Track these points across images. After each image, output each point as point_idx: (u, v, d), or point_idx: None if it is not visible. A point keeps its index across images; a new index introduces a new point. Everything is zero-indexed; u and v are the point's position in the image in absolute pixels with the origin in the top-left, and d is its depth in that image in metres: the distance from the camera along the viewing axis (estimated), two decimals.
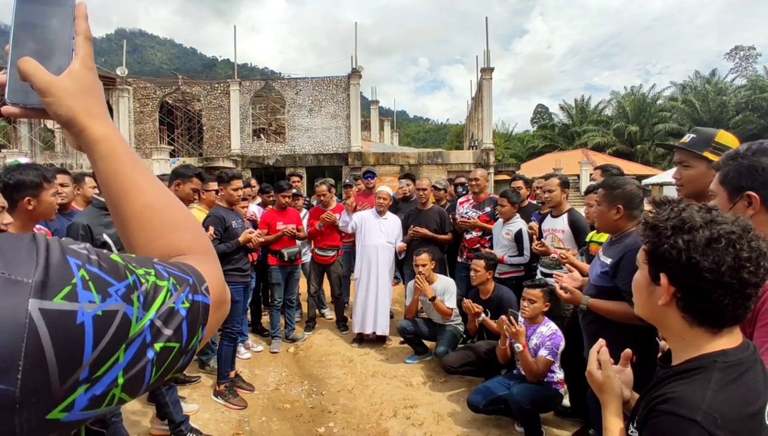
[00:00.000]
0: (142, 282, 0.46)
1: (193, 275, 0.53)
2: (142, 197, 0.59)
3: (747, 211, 1.30)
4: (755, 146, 1.34)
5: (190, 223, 0.63)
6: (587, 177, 25.12)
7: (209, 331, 0.54)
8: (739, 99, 33.69)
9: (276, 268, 5.00)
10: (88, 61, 0.58)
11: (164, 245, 0.59)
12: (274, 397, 3.90)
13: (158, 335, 0.45)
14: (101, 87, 0.60)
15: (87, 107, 0.57)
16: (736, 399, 0.84)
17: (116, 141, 0.58)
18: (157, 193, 0.60)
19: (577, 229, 3.81)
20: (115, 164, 0.58)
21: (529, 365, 3.16)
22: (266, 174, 21.34)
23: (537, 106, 50.84)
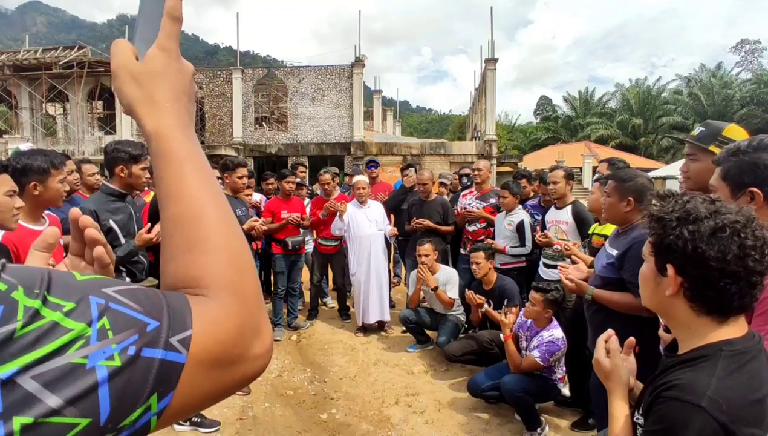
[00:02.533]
0: (27, 321, 0.33)
1: (168, 317, 0.40)
2: (173, 207, 0.48)
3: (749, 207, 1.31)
4: (755, 143, 1.35)
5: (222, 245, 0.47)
6: (590, 169, 25.10)
7: (191, 400, 0.40)
8: (744, 93, 33.53)
9: (279, 256, 5.03)
10: (167, 43, 0.51)
11: (173, 270, 0.47)
12: (277, 384, 3.94)
13: (25, 403, 0.31)
14: (179, 72, 0.52)
15: (147, 95, 0.50)
16: (740, 386, 0.86)
17: (168, 138, 0.49)
18: (195, 203, 0.48)
19: (580, 221, 3.82)
20: (162, 165, 0.49)
21: (513, 357, 3.21)
22: (268, 162, 21.34)
23: (540, 98, 50.71)
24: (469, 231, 4.90)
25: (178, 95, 0.51)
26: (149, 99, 0.49)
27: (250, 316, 0.45)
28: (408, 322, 4.57)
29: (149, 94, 0.50)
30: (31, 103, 20.44)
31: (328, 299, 6.18)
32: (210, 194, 0.49)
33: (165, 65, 0.51)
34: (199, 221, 0.48)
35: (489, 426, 3.25)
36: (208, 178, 0.50)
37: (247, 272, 0.48)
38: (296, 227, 5.03)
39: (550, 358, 3.10)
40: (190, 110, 0.53)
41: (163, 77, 0.50)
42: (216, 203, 0.49)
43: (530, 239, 4.30)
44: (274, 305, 5.12)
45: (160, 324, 0.39)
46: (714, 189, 1.45)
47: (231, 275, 0.46)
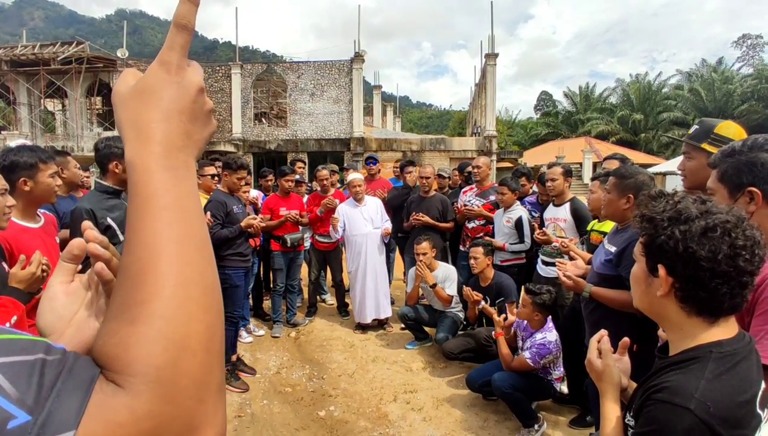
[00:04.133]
0: None
1: (48, 409, 0.31)
2: (124, 256, 0.40)
3: (749, 208, 1.31)
4: (750, 142, 1.34)
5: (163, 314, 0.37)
6: (590, 165, 25.07)
7: None
8: (744, 88, 33.44)
9: (278, 253, 5.03)
10: (166, 55, 0.44)
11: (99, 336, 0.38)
12: (276, 381, 3.95)
13: None
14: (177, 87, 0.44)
15: (131, 117, 0.43)
16: (728, 388, 0.86)
17: (138, 169, 0.41)
18: (145, 253, 0.39)
19: (579, 218, 3.81)
20: (131, 200, 0.41)
21: (504, 355, 3.23)
22: (267, 158, 21.31)
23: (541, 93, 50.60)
24: (469, 228, 4.89)
25: (169, 114, 0.43)
26: (132, 122, 0.43)
27: (177, 416, 0.35)
28: (406, 319, 4.57)
29: (133, 116, 0.43)
30: (30, 99, 20.37)
31: (327, 296, 6.18)
32: (173, 242, 0.39)
33: (157, 81, 0.44)
34: (143, 279, 0.38)
35: (487, 423, 3.26)
36: (177, 220, 0.40)
37: (190, 352, 0.37)
38: (295, 224, 5.02)
39: (541, 360, 3.10)
40: (189, 131, 0.45)
41: (152, 95, 0.43)
42: (177, 255, 0.39)
43: (530, 235, 4.30)
44: (273, 302, 5.13)
45: (31, 420, 0.30)
46: (712, 191, 1.44)
47: (159, 357, 0.35)
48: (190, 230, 0.41)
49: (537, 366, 3.10)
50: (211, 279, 0.41)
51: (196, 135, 0.46)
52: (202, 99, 0.46)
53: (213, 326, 0.39)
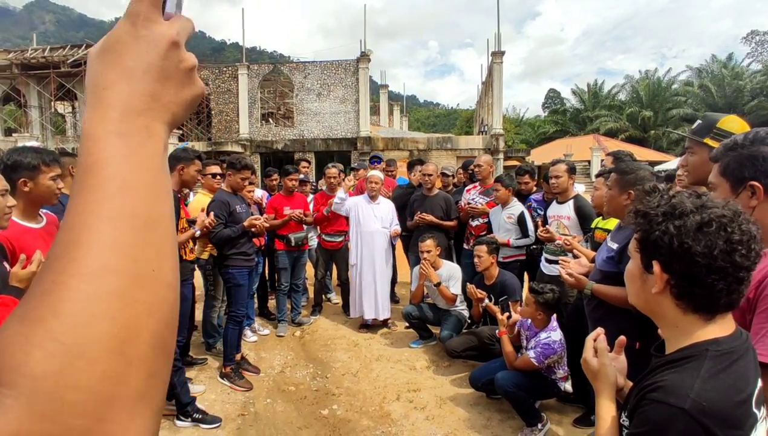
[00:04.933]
0: None
1: None
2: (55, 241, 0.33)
3: (751, 202, 1.28)
4: (752, 136, 1.32)
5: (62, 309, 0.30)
6: (598, 163, 24.83)
7: None
8: (754, 84, 32.98)
9: (283, 252, 5.04)
10: (134, 6, 0.38)
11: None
12: (279, 379, 3.95)
13: None
14: (141, 42, 0.38)
15: (92, 80, 0.37)
16: (724, 387, 0.84)
17: (87, 140, 0.35)
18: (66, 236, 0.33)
19: (582, 215, 3.78)
20: (75, 174, 0.36)
21: (507, 354, 3.21)
22: (275, 158, 21.37)
23: (549, 91, 50.21)
24: (472, 226, 4.87)
25: (130, 73, 0.37)
26: (92, 85, 0.37)
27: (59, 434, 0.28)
28: (411, 318, 4.56)
29: (92, 77, 0.37)
30: (40, 101, 20.61)
31: (332, 295, 6.19)
32: (104, 221, 0.33)
33: (120, 36, 0.37)
34: (54, 265, 0.32)
35: (490, 422, 3.24)
36: (119, 194, 0.34)
37: (85, 359, 0.29)
38: (299, 223, 5.03)
39: (545, 360, 3.07)
40: (156, 92, 0.38)
41: (113, 53, 0.37)
42: (106, 236, 0.32)
43: (533, 229, 4.27)
44: (278, 301, 5.14)
45: None
46: (714, 186, 1.41)
47: (40, 365, 0.28)
48: (133, 207, 0.34)
49: (541, 366, 3.08)
50: (149, 268, 0.34)
51: (167, 97, 0.39)
52: (176, 55, 0.39)
53: (137, 326, 0.32)
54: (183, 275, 3.30)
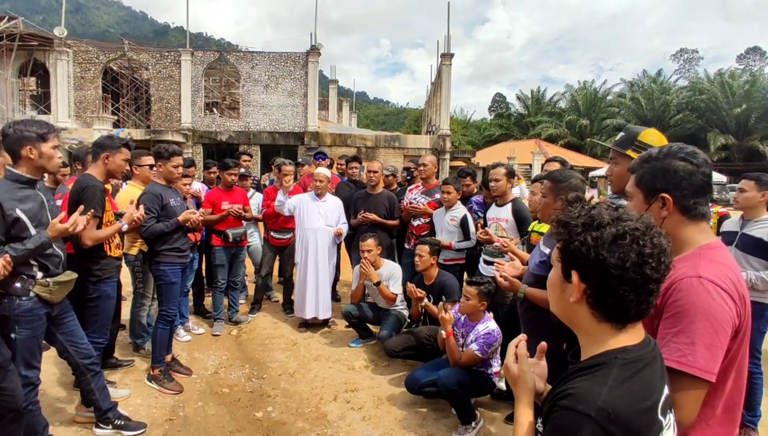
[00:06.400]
0: None
1: None
2: None
3: (662, 212, 1.35)
4: (666, 149, 1.39)
5: None
6: (539, 167, 25.90)
7: None
8: (680, 99, 35.68)
9: (219, 248, 4.85)
10: None
11: None
12: (213, 381, 3.80)
13: None
14: None
15: None
16: (630, 395, 0.86)
17: None
18: None
19: (520, 218, 3.90)
20: None
21: (453, 352, 3.25)
22: (218, 150, 20.65)
23: (495, 95, 51.89)
24: (414, 226, 4.91)
25: None
26: None
27: None
28: (350, 317, 4.53)
29: None
30: None
31: (273, 293, 6.04)
32: None
33: None
34: None
35: (425, 421, 3.27)
36: None
37: None
38: (238, 218, 4.86)
39: (489, 349, 3.17)
40: None
41: None
42: None
43: (474, 233, 4.36)
44: (214, 298, 4.95)
45: None
46: (630, 195, 1.48)
47: None
48: None
49: (485, 356, 3.17)
50: None
51: None
52: None
53: None
54: (108, 272, 3.09)
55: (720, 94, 32.65)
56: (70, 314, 2.73)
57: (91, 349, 2.82)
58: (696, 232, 1.37)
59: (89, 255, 2.98)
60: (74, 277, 2.65)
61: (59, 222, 2.39)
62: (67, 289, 2.61)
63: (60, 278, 2.53)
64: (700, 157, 1.36)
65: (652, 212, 1.38)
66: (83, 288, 2.96)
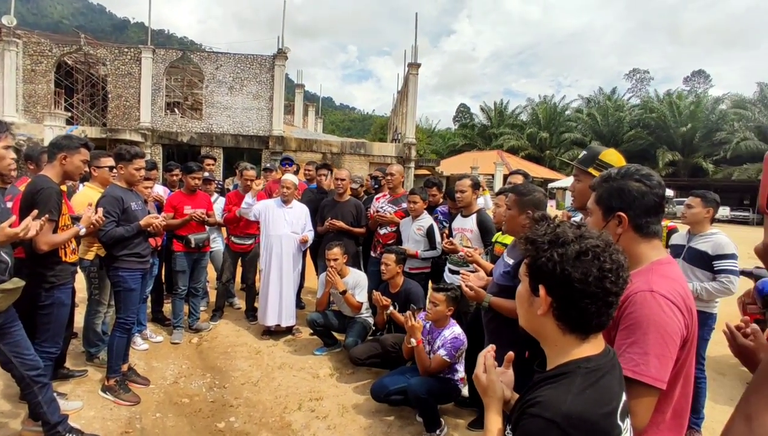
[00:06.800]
0: None
1: None
2: None
3: (617, 230, 1.44)
4: (623, 170, 1.49)
5: None
6: (501, 177, 26.59)
7: None
8: (633, 116, 37.57)
9: (181, 254, 4.73)
10: None
11: None
12: (172, 391, 3.69)
13: None
14: None
15: None
16: (592, 402, 0.93)
17: None
18: None
19: (484, 229, 4.00)
20: None
21: (422, 360, 3.30)
22: (179, 151, 20.08)
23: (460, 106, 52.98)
24: (380, 234, 4.95)
25: None
26: None
27: None
28: (315, 325, 4.50)
29: None
30: None
31: (235, 300, 5.92)
32: None
33: None
34: None
35: (390, 429, 3.30)
36: None
37: None
38: (201, 223, 4.75)
39: (456, 353, 3.24)
40: None
41: None
42: None
43: (440, 242, 4.44)
44: (174, 305, 4.81)
45: None
46: (590, 212, 1.57)
47: None
48: None
49: (453, 360, 3.24)
50: None
51: None
52: None
53: None
54: (62, 279, 2.96)
55: (668, 114, 34.57)
56: (15, 324, 2.59)
57: (38, 360, 2.68)
58: (648, 248, 1.47)
59: (43, 260, 2.84)
60: (21, 285, 2.51)
61: (9, 226, 2.28)
62: (13, 297, 2.48)
63: (5, 286, 2.41)
64: (654, 179, 1.47)
65: (609, 229, 1.47)
66: (35, 295, 2.82)
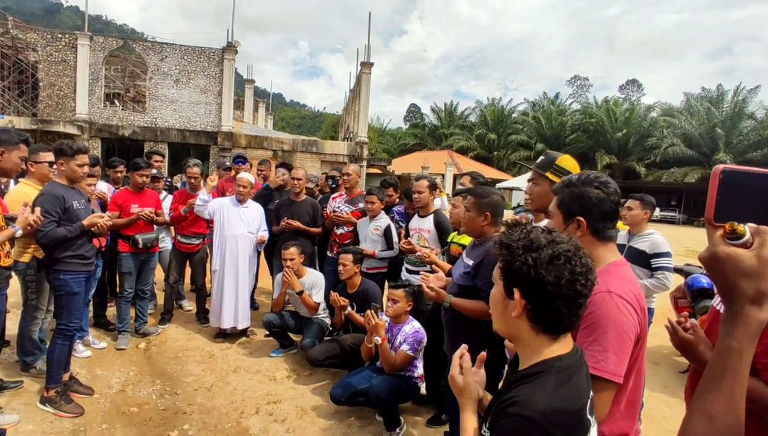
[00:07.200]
0: None
1: None
2: None
3: (576, 233, 1.53)
4: (583, 177, 1.58)
5: None
6: (451, 177, 27.15)
7: None
8: (574, 121, 39.48)
9: (127, 255, 4.49)
10: None
11: None
12: (119, 400, 3.51)
13: None
14: None
15: None
16: (566, 399, 0.98)
17: None
18: None
19: (441, 229, 4.08)
20: None
21: (387, 357, 3.32)
22: (120, 146, 19.07)
23: (410, 105, 53.66)
24: (337, 234, 4.93)
25: None
26: None
27: None
28: (271, 326, 4.42)
29: None
30: None
31: (185, 302, 5.71)
32: None
33: None
34: None
35: (350, 429, 3.30)
36: None
37: None
38: (149, 223, 4.54)
39: (418, 347, 3.30)
40: None
41: None
42: None
43: (397, 242, 4.48)
44: (120, 309, 4.56)
45: None
46: (552, 215, 1.65)
47: None
48: None
49: (416, 355, 3.29)
50: None
51: None
52: None
53: None
54: None
55: (606, 119, 36.61)
56: None
57: None
58: (605, 251, 1.57)
59: None
60: None
61: None
62: None
63: None
64: (611, 186, 1.57)
65: (569, 232, 1.56)
66: None
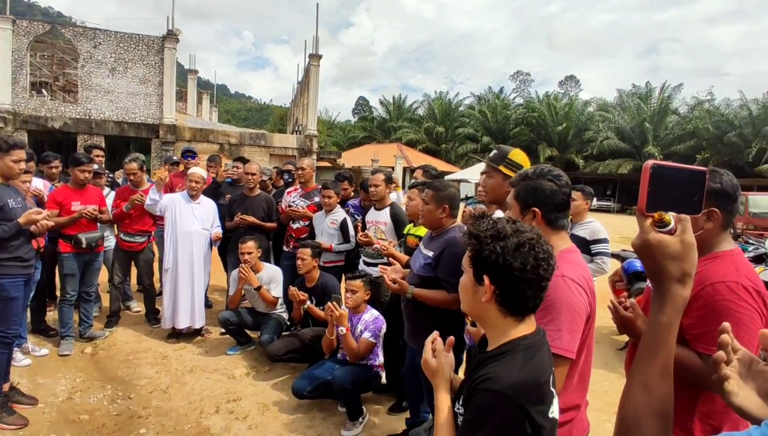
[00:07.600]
0: None
1: None
2: None
3: (532, 223, 1.64)
4: (538, 171, 1.70)
5: None
6: (401, 170, 27.42)
7: None
8: (517, 115, 40.88)
9: (69, 256, 4.25)
10: None
11: None
12: (67, 408, 3.34)
13: None
14: None
15: None
16: (532, 373, 1.08)
17: None
18: None
19: (397, 221, 4.16)
20: None
21: (351, 347, 3.37)
22: (52, 140, 17.80)
23: (359, 98, 53.68)
24: (293, 229, 4.90)
25: None
26: None
27: None
28: (228, 324, 4.35)
29: None
30: None
31: (132, 303, 5.48)
32: None
33: None
34: None
35: (313, 422, 3.32)
36: None
37: None
38: (93, 221, 4.32)
39: (379, 333, 3.38)
40: None
41: None
42: None
43: (354, 236, 4.52)
44: (62, 313, 4.31)
45: None
46: (509, 206, 1.76)
47: None
48: None
49: (378, 341, 3.37)
50: None
51: None
52: None
53: None
54: None
55: (547, 113, 38.21)
56: None
57: None
58: (558, 239, 1.69)
59: None
60: None
61: None
62: None
63: None
64: (563, 179, 1.69)
65: (525, 222, 1.67)
66: None
